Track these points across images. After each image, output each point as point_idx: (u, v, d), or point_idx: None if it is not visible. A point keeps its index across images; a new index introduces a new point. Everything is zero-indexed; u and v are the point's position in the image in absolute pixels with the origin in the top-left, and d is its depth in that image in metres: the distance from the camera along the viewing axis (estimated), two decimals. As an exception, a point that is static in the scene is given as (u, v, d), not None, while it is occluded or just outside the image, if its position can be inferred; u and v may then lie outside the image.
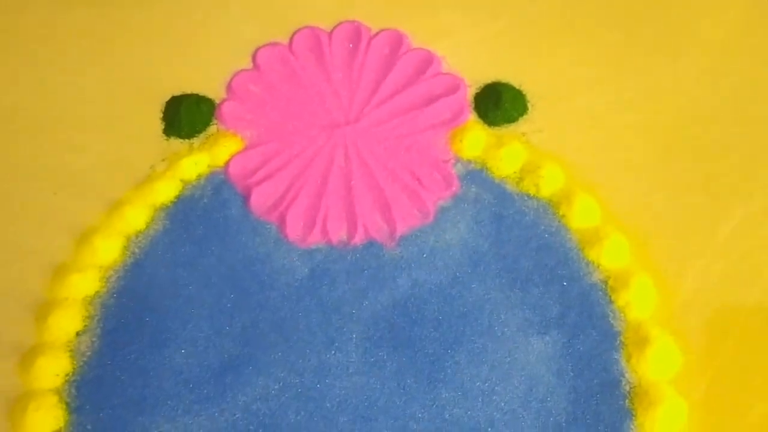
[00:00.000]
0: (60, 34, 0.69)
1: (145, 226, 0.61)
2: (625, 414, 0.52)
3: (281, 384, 0.54)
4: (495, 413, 0.53)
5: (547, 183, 0.61)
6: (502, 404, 0.53)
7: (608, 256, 0.58)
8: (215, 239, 0.60)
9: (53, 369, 0.55)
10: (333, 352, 0.55)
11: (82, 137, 0.65)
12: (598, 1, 0.69)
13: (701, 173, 0.61)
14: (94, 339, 0.56)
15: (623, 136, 0.63)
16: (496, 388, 0.53)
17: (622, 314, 0.56)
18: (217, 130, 0.65)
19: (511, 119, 0.64)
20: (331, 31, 0.69)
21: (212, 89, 0.67)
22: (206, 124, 0.65)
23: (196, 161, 0.63)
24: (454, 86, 0.66)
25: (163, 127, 0.65)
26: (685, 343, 0.55)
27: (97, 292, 0.58)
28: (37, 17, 0.70)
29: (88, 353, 0.56)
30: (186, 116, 0.65)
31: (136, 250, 0.60)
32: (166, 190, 0.62)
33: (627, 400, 0.53)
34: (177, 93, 0.66)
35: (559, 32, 0.68)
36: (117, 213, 0.61)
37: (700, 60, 0.66)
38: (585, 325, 0.55)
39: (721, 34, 0.67)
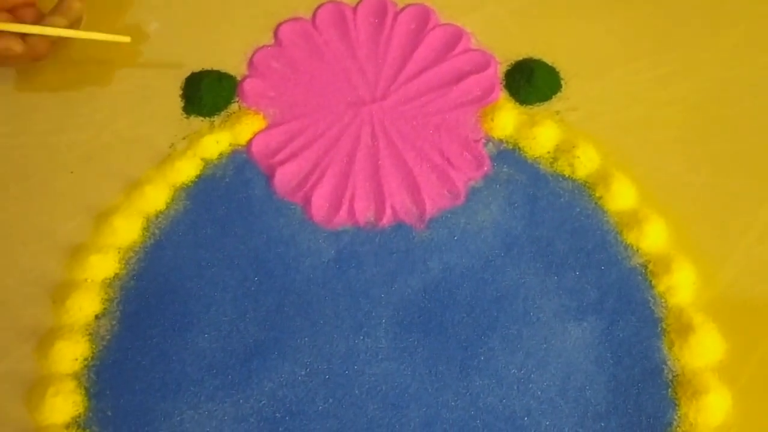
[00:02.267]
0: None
1: (165, 206, 0.59)
2: (668, 403, 0.50)
3: (308, 370, 0.52)
4: (531, 402, 0.50)
5: (583, 163, 0.59)
6: (539, 393, 0.51)
7: (648, 240, 0.55)
8: (238, 220, 0.58)
9: (72, 353, 0.53)
10: (362, 337, 0.53)
11: (101, 114, 0.63)
12: (635, -26, 0.66)
13: (743, 152, 0.59)
14: (113, 322, 0.55)
15: (661, 114, 0.61)
16: (532, 375, 0.51)
17: (663, 300, 0.53)
18: (239, 108, 0.63)
19: (544, 97, 0.62)
20: (356, 6, 0.67)
21: (233, 66, 0.65)
22: (227, 101, 0.63)
23: (218, 140, 0.61)
24: (484, 63, 0.64)
25: (183, 104, 0.63)
26: (729, 330, 0.52)
27: (116, 273, 0.56)
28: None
29: (108, 337, 0.54)
30: (207, 93, 0.63)
31: (157, 231, 0.58)
32: (186, 170, 0.60)
33: (670, 389, 0.51)
34: (197, 69, 0.64)
35: (593, 6, 0.66)
36: (137, 192, 0.59)
37: (740, 32, 0.63)
38: (624, 311, 0.53)
39: (762, 3, 0.64)
